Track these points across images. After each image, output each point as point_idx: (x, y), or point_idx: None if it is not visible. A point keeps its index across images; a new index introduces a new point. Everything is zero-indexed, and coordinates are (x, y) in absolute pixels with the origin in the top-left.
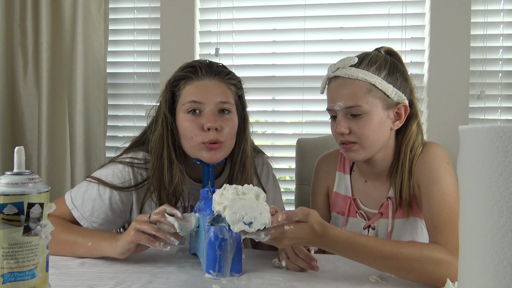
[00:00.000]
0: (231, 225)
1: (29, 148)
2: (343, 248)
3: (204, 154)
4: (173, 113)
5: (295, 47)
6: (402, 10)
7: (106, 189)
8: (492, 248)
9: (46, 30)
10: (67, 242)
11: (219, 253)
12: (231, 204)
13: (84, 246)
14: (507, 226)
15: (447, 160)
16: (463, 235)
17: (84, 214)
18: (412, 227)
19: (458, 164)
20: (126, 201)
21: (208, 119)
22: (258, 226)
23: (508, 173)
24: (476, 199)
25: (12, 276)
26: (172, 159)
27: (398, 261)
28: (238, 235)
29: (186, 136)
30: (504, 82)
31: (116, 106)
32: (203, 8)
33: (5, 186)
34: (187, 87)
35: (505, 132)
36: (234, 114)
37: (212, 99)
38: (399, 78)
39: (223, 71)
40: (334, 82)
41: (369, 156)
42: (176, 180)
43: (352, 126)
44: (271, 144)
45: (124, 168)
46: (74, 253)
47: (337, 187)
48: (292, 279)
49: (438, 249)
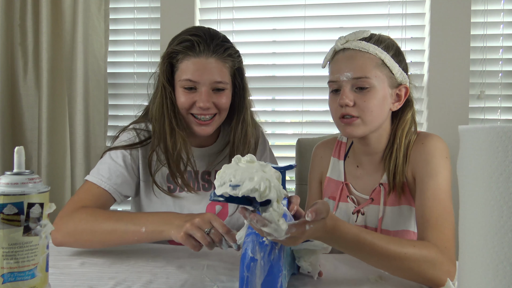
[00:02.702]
0: (217, 187)
1: (29, 148)
2: (349, 245)
3: (195, 127)
4: (172, 82)
5: (295, 47)
6: (402, 10)
7: (117, 152)
8: (492, 248)
9: (46, 30)
10: (116, 232)
11: (246, 274)
12: (226, 167)
13: (137, 233)
14: (507, 226)
15: (446, 154)
16: (463, 235)
17: (103, 178)
18: (403, 215)
19: (458, 164)
20: (135, 158)
21: (201, 99)
22: (243, 191)
23: (508, 173)
24: (476, 199)
25: (12, 276)
26: (173, 126)
27: (401, 262)
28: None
29: (180, 108)
30: (504, 82)
31: (116, 106)
32: (203, 8)
33: (5, 186)
34: (185, 62)
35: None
36: (228, 90)
37: (207, 78)
38: (403, 62)
39: (222, 47)
40: (342, 54)
41: (367, 132)
42: (179, 146)
43: (357, 99)
44: (271, 144)
45: (129, 133)
46: (125, 240)
47: (331, 172)
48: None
49: (432, 249)
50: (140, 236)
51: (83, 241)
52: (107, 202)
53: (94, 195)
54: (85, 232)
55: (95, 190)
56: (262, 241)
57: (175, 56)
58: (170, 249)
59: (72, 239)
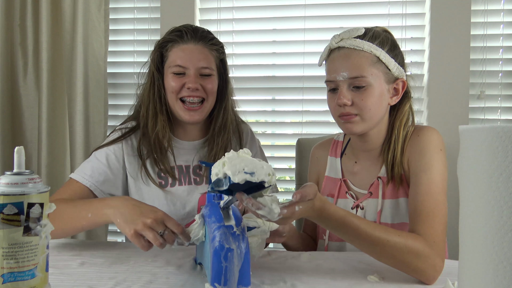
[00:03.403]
0: (232, 176)
1: (29, 148)
2: (335, 226)
3: (183, 114)
4: (161, 71)
5: (295, 47)
6: (402, 10)
7: (101, 151)
8: (492, 248)
9: (46, 30)
10: (69, 218)
11: (224, 264)
12: (229, 159)
13: (85, 219)
14: (507, 226)
15: (441, 146)
16: (463, 235)
17: (85, 175)
18: (402, 208)
19: (458, 164)
20: (118, 155)
21: (190, 80)
22: (262, 177)
23: (508, 173)
24: (476, 199)
25: (12, 276)
26: (156, 111)
27: (383, 248)
28: (246, 245)
29: (169, 91)
30: (504, 82)
31: (116, 106)
32: (203, 8)
33: (5, 186)
34: (174, 49)
35: (505, 132)
36: (214, 76)
37: (195, 63)
38: (399, 55)
39: (207, 37)
40: (337, 53)
41: (367, 129)
42: (158, 129)
43: (354, 98)
44: (271, 144)
45: (114, 133)
46: (76, 227)
47: (329, 171)
48: (292, 278)
49: (419, 241)
50: (87, 221)
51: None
52: (86, 198)
53: (73, 191)
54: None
55: (75, 186)
56: (234, 231)
57: (165, 46)
58: (170, 249)
59: None
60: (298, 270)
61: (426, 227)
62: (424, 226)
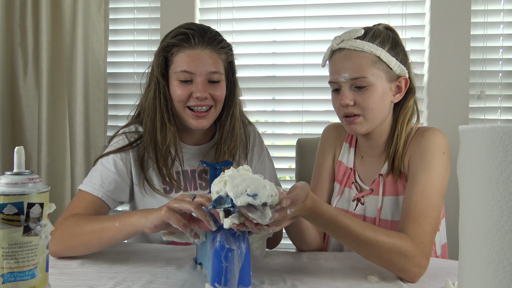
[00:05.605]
0: (234, 198)
1: (29, 148)
2: (326, 224)
3: (191, 121)
4: (166, 77)
5: (295, 47)
6: (402, 10)
7: (108, 159)
8: (492, 248)
9: (46, 30)
10: (94, 232)
11: (225, 264)
12: (231, 178)
13: (112, 229)
14: (507, 226)
15: (444, 149)
16: (463, 235)
17: (95, 186)
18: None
19: (458, 164)
20: (126, 161)
21: (198, 89)
22: (264, 199)
23: (508, 173)
24: (476, 199)
25: (12, 276)
26: (164, 121)
27: (372, 247)
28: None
29: (176, 100)
30: (504, 82)
31: (116, 106)
32: (203, 8)
33: (5, 186)
34: (180, 54)
35: (505, 132)
36: (223, 82)
37: (203, 69)
38: (400, 53)
39: (215, 40)
40: (338, 54)
41: (371, 128)
42: (168, 141)
43: (356, 98)
44: (271, 144)
45: (119, 137)
46: (103, 239)
47: (342, 156)
48: (292, 278)
49: (407, 241)
50: (114, 231)
51: (69, 247)
52: (101, 209)
53: (87, 203)
54: (70, 237)
55: (87, 198)
56: (234, 232)
57: (170, 50)
58: (170, 249)
59: (61, 247)
60: (298, 270)
61: (416, 226)
62: (414, 225)
